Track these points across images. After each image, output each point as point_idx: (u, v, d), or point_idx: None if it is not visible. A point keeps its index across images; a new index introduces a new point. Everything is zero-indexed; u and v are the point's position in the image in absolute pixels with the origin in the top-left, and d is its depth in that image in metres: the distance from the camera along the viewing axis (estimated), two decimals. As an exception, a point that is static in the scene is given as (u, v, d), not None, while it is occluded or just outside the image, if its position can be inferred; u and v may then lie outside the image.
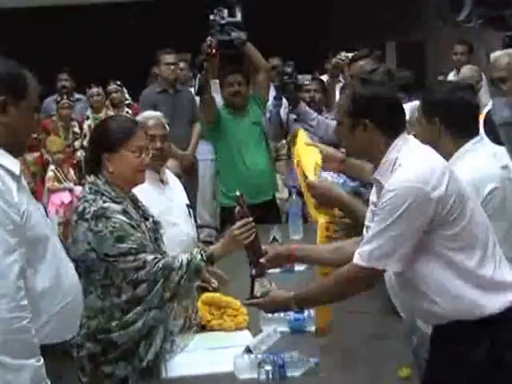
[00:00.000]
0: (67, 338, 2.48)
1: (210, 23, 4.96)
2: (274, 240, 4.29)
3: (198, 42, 5.19)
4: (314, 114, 5.15)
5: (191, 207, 4.03)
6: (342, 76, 5.99)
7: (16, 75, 2.36)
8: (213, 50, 4.89)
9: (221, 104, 5.50)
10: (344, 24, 12.01)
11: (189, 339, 3.03)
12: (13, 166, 2.32)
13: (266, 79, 5.50)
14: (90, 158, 3.06)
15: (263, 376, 2.66)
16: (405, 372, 2.65)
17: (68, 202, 7.29)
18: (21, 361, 2.19)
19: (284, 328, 3.09)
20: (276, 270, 3.24)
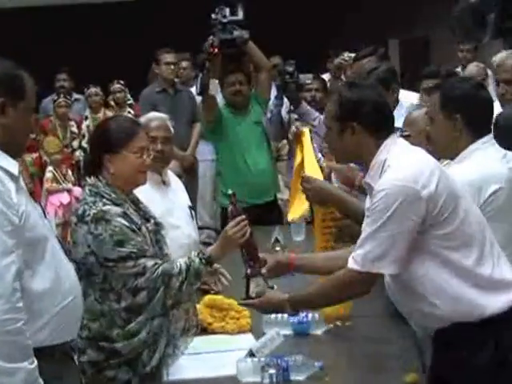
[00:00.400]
0: (67, 339, 2.46)
1: (211, 22, 4.91)
2: (276, 241, 4.25)
3: (199, 40, 5.16)
4: (316, 114, 5.13)
5: (192, 209, 4.00)
6: (345, 76, 5.96)
7: (14, 76, 2.36)
8: (215, 49, 4.85)
9: (221, 104, 5.46)
10: (345, 22, 11.97)
11: (189, 342, 2.99)
12: (11, 167, 2.31)
13: (267, 78, 5.47)
14: (91, 158, 3.03)
15: (267, 380, 2.63)
16: (411, 377, 2.62)
17: (67, 202, 7.27)
18: (14, 364, 2.18)
19: (287, 331, 3.06)
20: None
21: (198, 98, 6.45)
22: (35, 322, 2.30)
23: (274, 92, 5.66)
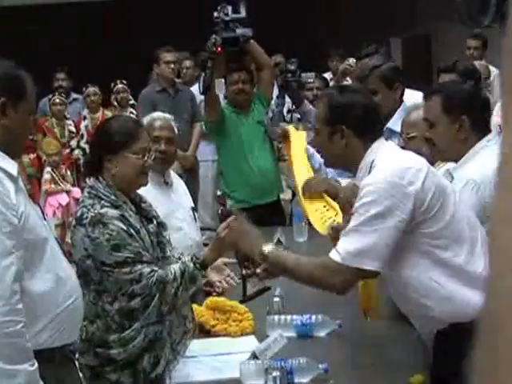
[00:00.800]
0: (67, 342, 2.44)
1: (214, 20, 4.86)
2: (279, 242, 4.20)
3: (199, 40, 5.12)
4: (318, 113, 5.08)
5: (195, 210, 3.96)
6: (350, 77, 5.89)
7: (14, 77, 2.37)
8: (218, 48, 4.80)
9: (223, 103, 5.42)
10: (347, 21, 11.95)
11: (188, 345, 2.97)
12: (10, 167, 2.31)
13: (269, 77, 5.42)
14: (91, 159, 3.01)
15: (270, 382, 2.60)
16: (417, 379, 2.59)
17: (65, 203, 7.21)
18: (14, 366, 2.17)
19: (290, 333, 3.03)
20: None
21: (199, 98, 6.41)
22: (34, 325, 2.29)
23: (275, 91, 5.61)
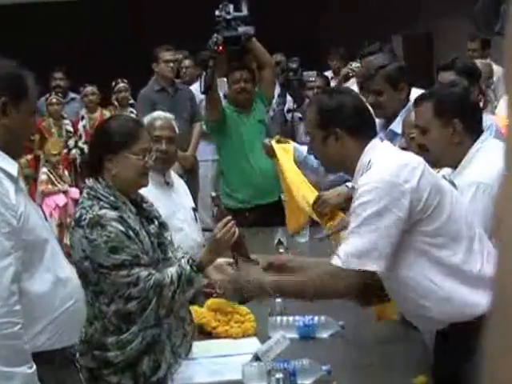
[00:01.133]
0: (68, 344, 2.42)
1: (215, 19, 4.83)
2: (280, 243, 4.19)
3: (199, 39, 5.10)
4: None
5: (196, 210, 3.94)
6: (356, 77, 5.85)
7: (16, 76, 2.36)
8: (220, 47, 4.77)
9: (224, 102, 5.39)
10: (348, 19, 11.91)
11: (188, 347, 2.96)
12: (10, 167, 2.30)
13: (271, 76, 5.39)
14: (91, 159, 2.98)
15: (273, 384, 2.58)
16: (420, 380, 2.57)
17: (63, 204, 7.16)
18: (12, 368, 2.15)
19: (293, 334, 3.01)
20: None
21: (199, 97, 6.38)
22: (33, 326, 2.27)
23: (277, 90, 5.58)
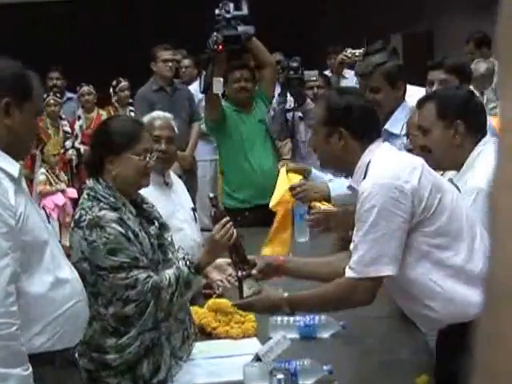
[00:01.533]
0: (68, 345, 2.40)
1: (215, 18, 4.81)
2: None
3: (198, 38, 5.07)
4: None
5: (195, 210, 3.92)
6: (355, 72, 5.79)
7: (20, 76, 2.35)
8: (219, 46, 4.74)
9: (223, 101, 5.36)
10: (347, 18, 11.91)
11: (190, 350, 2.94)
12: (11, 168, 2.29)
13: (271, 75, 5.36)
14: (92, 160, 2.96)
15: (275, 384, 2.57)
16: (423, 380, 2.57)
17: (61, 204, 7.13)
18: (7, 369, 2.14)
19: (294, 335, 2.99)
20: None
21: (197, 97, 6.37)
22: (31, 327, 2.26)
23: (277, 89, 5.55)
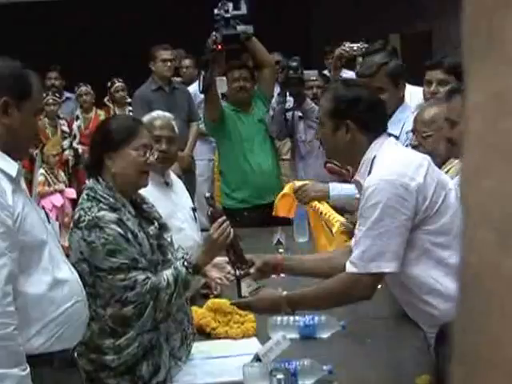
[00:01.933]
0: (67, 346, 2.39)
1: (214, 17, 4.80)
2: (279, 243, 4.17)
3: (197, 37, 5.07)
4: (320, 112, 5.00)
5: (195, 210, 3.91)
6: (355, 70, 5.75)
7: (19, 76, 2.34)
8: (218, 46, 4.73)
9: (222, 101, 5.36)
10: (345, 17, 11.88)
11: (189, 350, 2.93)
12: (9, 167, 2.28)
13: (271, 75, 5.36)
14: (92, 159, 2.95)
15: (275, 384, 2.56)
16: (423, 379, 2.56)
17: (60, 204, 7.11)
18: (4, 370, 2.13)
19: (293, 335, 2.98)
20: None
21: (200, 97, 6.35)
22: (29, 328, 2.25)
23: (276, 89, 5.53)
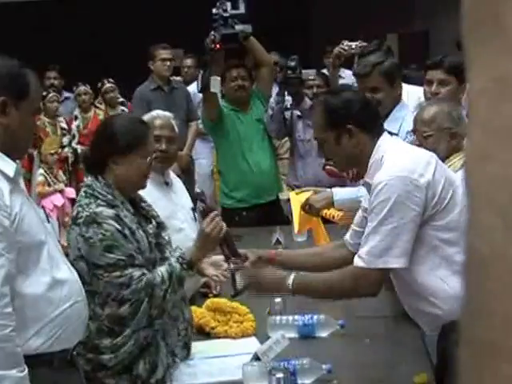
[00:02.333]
0: (67, 346, 2.39)
1: (212, 17, 4.80)
2: (278, 242, 4.18)
3: (196, 37, 5.07)
4: (319, 111, 5.00)
5: (195, 210, 3.92)
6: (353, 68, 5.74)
7: (17, 75, 2.32)
8: (217, 45, 4.73)
9: (221, 101, 5.35)
10: (343, 17, 11.87)
11: (189, 347, 2.94)
12: (7, 167, 2.27)
13: (269, 74, 5.36)
14: (93, 157, 2.91)
15: None
16: (421, 377, 2.57)
17: (60, 204, 7.11)
18: (2, 371, 2.12)
19: (292, 334, 2.99)
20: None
21: (198, 96, 6.35)
22: (28, 329, 2.25)
23: (275, 89, 5.54)
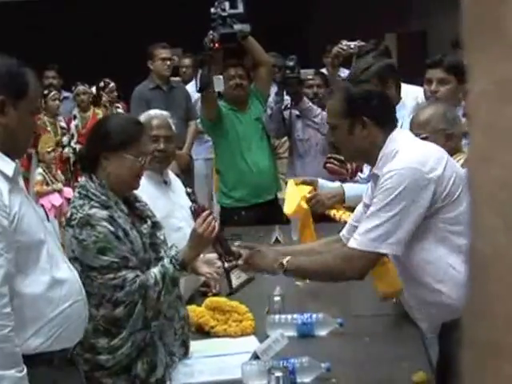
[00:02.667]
0: (67, 346, 2.40)
1: (211, 16, 4.80)
2: (277, 241, 4.19)
3: (195, 37, 5.07)
4: (318, 110, 5.02)
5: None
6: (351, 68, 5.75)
7: (16, 74, 2.32)
8: (215, 45, 4.74)
9: (219, 100, 5.36)
10: (341, 17, 11.88)
11: (188, 346, 2.94)
12: (6, 167, 2.27)
13: (267, 74, 5.35)
14: (87, 154, 2.91)
15: (273, 383, 2.57)
16: (419, 376, 2.57)
17: (59, 204, 7.11)
18: (0, 371, 2.12)
19: (291, 332, 3.00)
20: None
21: (194, 95, 6.36)
22: (27, 328, 2.25)
23: (274, 89, 5.55)
